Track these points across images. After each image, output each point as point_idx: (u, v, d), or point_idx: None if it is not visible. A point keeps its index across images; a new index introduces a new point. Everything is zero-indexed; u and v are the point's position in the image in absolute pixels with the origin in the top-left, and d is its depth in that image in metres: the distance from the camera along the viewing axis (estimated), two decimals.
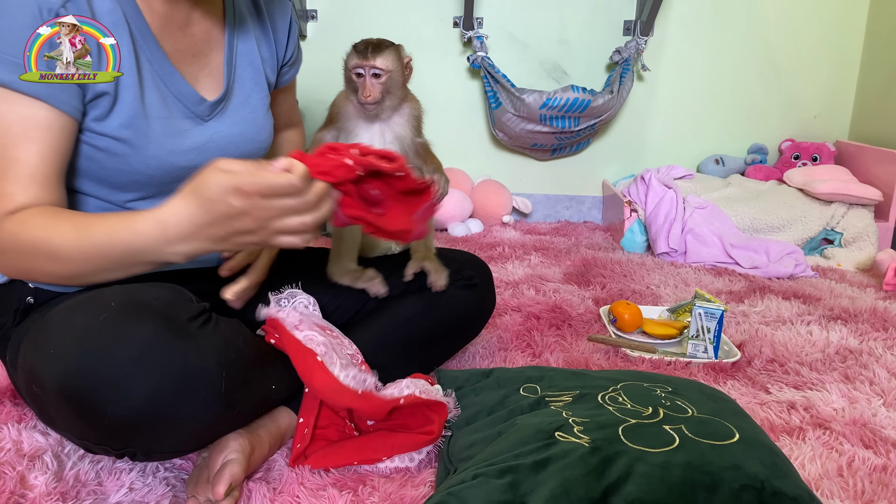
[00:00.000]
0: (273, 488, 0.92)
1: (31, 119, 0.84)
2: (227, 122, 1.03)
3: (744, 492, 0.74)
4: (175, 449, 0.90)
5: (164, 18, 0.94)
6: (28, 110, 0.84)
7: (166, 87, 0.95)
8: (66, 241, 0.82)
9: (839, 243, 2.28)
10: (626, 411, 0.90)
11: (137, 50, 0.91)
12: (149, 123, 0.93)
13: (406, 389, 0.97)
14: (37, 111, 0.84)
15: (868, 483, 0.95)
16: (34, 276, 0.89)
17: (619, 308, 1.53)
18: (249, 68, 1.07)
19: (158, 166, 0.95)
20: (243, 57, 1.06)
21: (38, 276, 0.89)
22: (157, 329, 0.79)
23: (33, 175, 0.84)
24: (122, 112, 0.90)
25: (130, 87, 0.90)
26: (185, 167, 0.96)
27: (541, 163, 2.78)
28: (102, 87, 0.88)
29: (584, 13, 2.62)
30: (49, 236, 0.82)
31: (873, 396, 1.23)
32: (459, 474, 0.82)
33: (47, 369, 0.78)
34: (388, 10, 2.61)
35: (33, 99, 0.83)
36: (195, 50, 0.99)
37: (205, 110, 1.00)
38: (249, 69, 1.07)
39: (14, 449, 0.96)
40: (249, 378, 0.89)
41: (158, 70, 0.94)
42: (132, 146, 0.92)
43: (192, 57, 0.99)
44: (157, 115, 0.94)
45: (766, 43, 2.64)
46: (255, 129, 1.07)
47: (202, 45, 1.00)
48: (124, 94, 0.90)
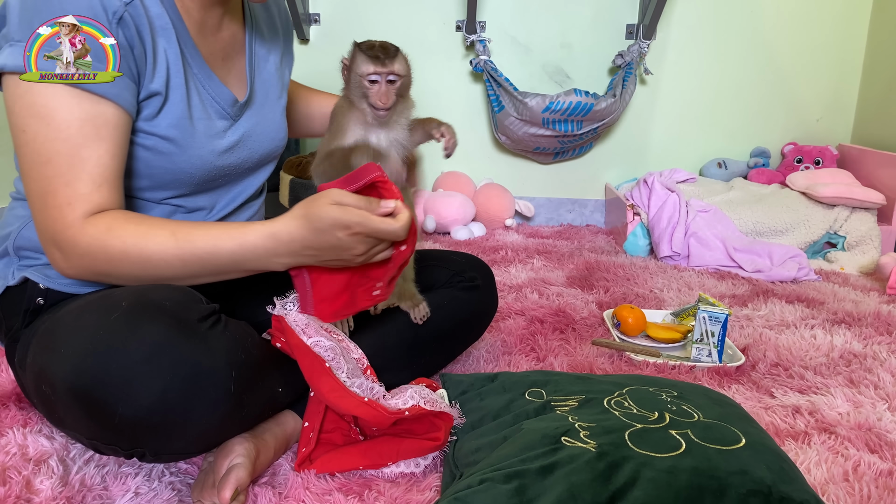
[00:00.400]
0: (279, 493, 0.92)
1: (100, 117, 0.86)
2: (252, 121, 1.07)
3: (751, 497, 0.74)
4: (184, 450, 0.90)
5: (199, 23, 0.98)
6: (98, 108, 0.86)
7: (205, 89, 0.99)
8: (163, 248, 0.86)
9: (842, 247, 2.28)
10: (633, 416, 0.90)
11: (183, 52, 0.95)
12: (193, 124, 0.96)
13: (410, 400, 0.97)
14: (105, 109, 0.86)
15: (874, 488, 0.95)
16: (112, 279, 0.90)
17: (622, 312, 1.53)
18: (266, 70, 1.12)
19: (201, 165, 0.98)
20: (261, 59, 1.11)
21: (116, 280, 0.90)
22: (168, 329, 0.79)
23: (104, 175, 0.87)
24: (171, 112, 0.93)
25: (178, 88, 0.94)
26: (221, 166, 1.02)
27: (543, 166, 2.78)
28: (155, 87, 0.91)
29: (587, 17, 2.62)
30: (145, 244, 0.86)
31: (878, 401, 1.23)
32: (465, 479, 0.81)
33: (58, 369, 0.78)
34: (390, 13, 2.61)
35: (101, 97, 0.85)
36: (224, 53, 1.04)
37: (237, 111, 1.04)
38: (266, 71, 1.12)
39: (20, 453, 0.96)
40: (258, 379, 0.90)
41: (198, 73, 0.98)
42: (178, 146, 0.95)
43: (221, 60, 1.03)
44: (198, 116, 0.97)
45: (768, 46, 2.65)
46: (274, 128, 1.12)
47: (229, 49, 1.05)
48: (173, 94, 0.94)
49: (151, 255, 0.86)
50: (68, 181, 0.85)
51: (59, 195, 0.85)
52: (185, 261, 0.87)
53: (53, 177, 0.85)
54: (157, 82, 0.91)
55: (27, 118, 0.84)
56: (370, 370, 1.02)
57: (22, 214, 0.99)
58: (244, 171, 1.08)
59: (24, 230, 0.98)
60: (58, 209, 0.85)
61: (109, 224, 0.86)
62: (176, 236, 0.87)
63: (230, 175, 1.05)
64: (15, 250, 0.98)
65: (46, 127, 0.84)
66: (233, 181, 1.08)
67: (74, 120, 0.84)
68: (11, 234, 0.99)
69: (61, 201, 0.85)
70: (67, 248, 0.86)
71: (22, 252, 0.98)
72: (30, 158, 0.85)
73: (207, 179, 1.01)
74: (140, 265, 0.87)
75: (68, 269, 0.89)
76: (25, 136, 0.85)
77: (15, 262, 0.98)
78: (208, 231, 0.89)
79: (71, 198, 0.85)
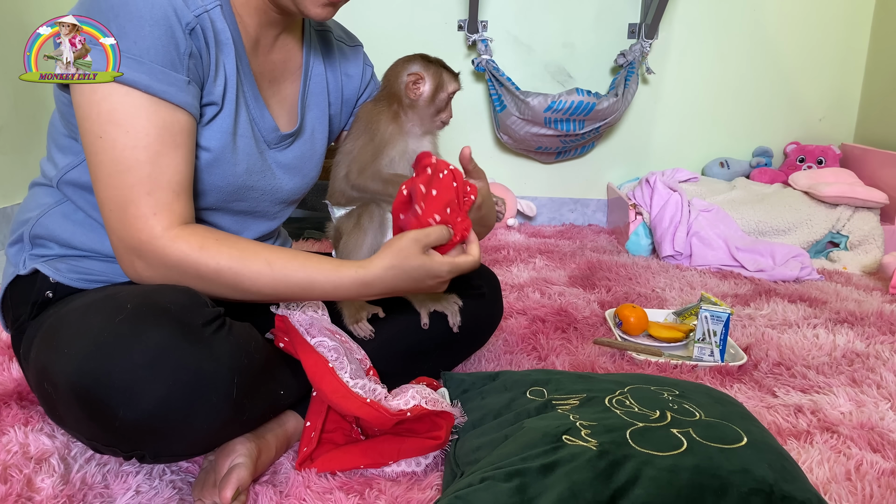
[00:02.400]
0: (280, 492, 0.92)
1: (176, 125, 0.87)
2: (290, 154, 1.07)
3: (753, 496, 0.74)
4: (184, 452, 0.90)
5: (254, 41, 0.99)
6: (175, 116, 0.87)
7: (250, 109, 0.99)
8: (259, 276, 0.89)
9: (845, 246, 2.27)
10: (634, 415, 0.89)
11: (239, 69, 0.95)
12: (235, 140, 0.97)
13: (412, 400, 0.97)
14: (181, 117, 0.87)
15: (876, 487, 0.95)
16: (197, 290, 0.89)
17: (624, 311, 1.53)
18: (316, 108, 1.11)
19: (233, 181, 0.99)
20: (314, 95, 1.10)
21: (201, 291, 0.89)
22: (172, 334, 0.79)
23: (182, 183, 0.88)
24: (221, 123, 0.94)
25: (230, 103, 0.95)
26: (249, 187, 1.02)
27: (545, 166, 2.77)
28: (214, 97, 0.92)
29: (589, 16, 2.62)
30: (241, 270, 0.88)
31: (881, 400, 1.22)
32: (466, 477, 0.81)
33: (60, 368, 0.78)
34: (393, 13, 2.61)
35: (178, 107, 0.86)
36: (272, 76, 1.04)
37: (274, 139, 1.04)
38: (316, 108, 1.11)
39: (21, 452, 0.96)
40: (260, 383, 0.90)
41: (248, 91, 0.98)
42: (218, 159, 0.95)
43: (268, 82, 1.03)
44: (241, 133, 0.98)
45: (770, 46, 2.64)
46: (310, 166, 1.12)
47: (278, 73, 1.05)
48: (227, 107, 0.94)
49: (245, 280, 0.88)
50: (150, 190, 0.85)
51: (141, 204, 0.85)
52: (277, 289, 0.90)
53: (135, 185, 0.85)
54: (216, 93, 0.93)
55: (105, 125, 0.84)
56: (373, 371, 1.02)
57: (45, 202, 0.99)
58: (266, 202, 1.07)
59: (44, 218, 0.98)
60: (143, 219, 0.85)
61: (202, 242, 0.87)
62: (272, 266, 0.89)
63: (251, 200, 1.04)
64: (31, 238, 0.99)
65: (125, 134, 0.84)
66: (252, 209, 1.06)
67: (153, 128, 0.85)
68: (30, 220, 0.99)
69: (145, 211, 0.85)
70: (154, 259, 0.86)
71: (37, 241, 0.99)
72: (108, 166, 0.85)
73: (232, 199, 1.01)
74: (230, 287, 0.88)
75: (150, 277, 0.89)
76: (103, 142, 0.84)
77: (27, 249, 0.99)
78: (302, 263, 0.91)
79: (155, 208, 0.85)
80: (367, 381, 0.96)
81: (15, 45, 1.99)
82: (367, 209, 1.08)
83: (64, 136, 0.97)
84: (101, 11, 0.83)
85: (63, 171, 0.97)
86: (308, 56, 1.09)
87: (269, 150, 1.04)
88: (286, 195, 1.10)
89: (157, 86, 0.84)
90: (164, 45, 0.84)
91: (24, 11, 2.07)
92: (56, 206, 0.99)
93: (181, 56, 0.86)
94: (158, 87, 0.84)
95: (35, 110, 2.13)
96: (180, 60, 0.86)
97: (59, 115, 0.96)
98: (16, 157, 2.07)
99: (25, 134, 2.09)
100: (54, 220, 0.98)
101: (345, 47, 1.17)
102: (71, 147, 0.96)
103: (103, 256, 0.98)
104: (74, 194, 0.97)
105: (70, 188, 0.97)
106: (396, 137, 1.10)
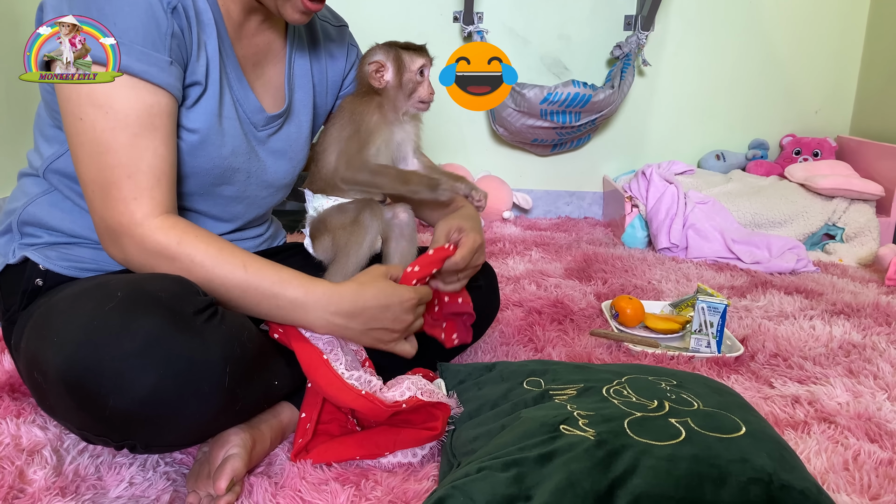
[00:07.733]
0: (275, 483, 0.91)
1: (156, 106, 0.86)
2: (278, 137, 1.07)
3: (751, 485, 0.73)
4: (175, 442, 0.89)
5: (238, 25, 0.98)
6: (155, 97, 0.86)
7: (234, 91, 0.98)
8: (232, 276, 0.88)
9: (841, 238, 2.27)
10: (632, 404, 0.89)
11: (222, 51, 0.95)
12: (221, 122, 0.96)
13: (408, 392, 0.96)
14: (161, 98, 0.86)
15: (874, 477, 0.95)
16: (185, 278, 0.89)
17: (621, 303, 1.52)
18: (301, 90, 1.10)
19: (219, 163, 0.98)
20: (298, 77, 1.10)
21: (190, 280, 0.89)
22: (163, 322, 0.78)
23: (163, 168, 0.87)
24: (205, 106, 0.93)
25: (215, 84, 0.94)
26: (235, 169, 1.01)
27: (541, 158, 2.77)
28: (197, 77, 0.91)
29: (585, 8, 2.61)
30: (215, 267, 0.87)
31: (877, 391, 1.22)
32: (463, 468, 0.81)
33: (50, 357, 0.77)
34: (388, 4, 2.60)
35: (158, 87, 0.85)
36: (255, 59, 1.03)
37: (260, 121, 1.03)
38: (301, 90, 1.11)
39: (13, 443, 0.95)
40: (253, 373, 0.89)
41: (231, 73, 0.98)
42: (204, 141, 0.95)
43: (252, 66, 1.03)
44: (226, 115, 0.97)
45: (766, 38, 2.64)
46: (296, 149, 1.11)
47: (261, 57, 1.04)
48: (211, 88, 0.94)
49: (217, 278, 0.88)
50: (130, 173, 0.85)
51: (123, 187, 0.85)
52: (246, 291, 0.89)
53: (115, 167, 0.85)
54: (199, 73, 0.92)
55: (85, 106, 0.84)
56: (368, 362, 1.01)
57: (32, 192, 0.99)
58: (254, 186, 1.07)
59: (32, 206, 0.98)
60: (123, 203, 0.85)
61: (181, 237, 0.87)
62: (247, 269, 0.89)
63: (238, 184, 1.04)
64: (19, 226, 0.98)
65: (105, 116, 0.84)
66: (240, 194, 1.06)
67: (132, 110, 0.84)
68: (17, 209, 0.99)
69: (126, 195, 0.85)
70: (130, 244, 0.87)
71: (25, 228, 0.98)
72: (88, 147, 0.85)
73: (217, 183, 1.00)
74: (202, 282, 0.87)
75: (124, 260, 0.89)
76: (83, 124, 0.84)
77: (17, 238, 0.98)
78: (277, 271, 0.90)
79: (136, 192, 0.85)
80: (363, 372, 0.96)
81: (4, 39, 1.97)
82: (368, 206, 1.08)
83: (49, 126, 0.96)
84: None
85: (49, 161, 0.96)
86: (292, 39, 1.08)
87: (258, 131, 1.03)
88: (273, 178, 1.09)
89: (137, 66, 0.83)
90: (143, 25, 0.83)
91: (16, 4, 2.04)
92: (43, 195, 0.98)
93: (162, 36, 0.85)
94: (139, 67, 0.83)
95: (26, 104, 2.11)
96: (161, 40, 0.85)
97: (44, 104, 0.96)
98: (7, 149, 2.05)
99: (16, 127, 2.07)
100: (42, 209, 0.98)
101: (329, 27, 1.16)
102: (56, 136, 0.95)
103: (93, 243, 0.97)
104: (60, 183, 0.97)
105: (56, 177, 0.97)
106: (381, 126, 1.10)
